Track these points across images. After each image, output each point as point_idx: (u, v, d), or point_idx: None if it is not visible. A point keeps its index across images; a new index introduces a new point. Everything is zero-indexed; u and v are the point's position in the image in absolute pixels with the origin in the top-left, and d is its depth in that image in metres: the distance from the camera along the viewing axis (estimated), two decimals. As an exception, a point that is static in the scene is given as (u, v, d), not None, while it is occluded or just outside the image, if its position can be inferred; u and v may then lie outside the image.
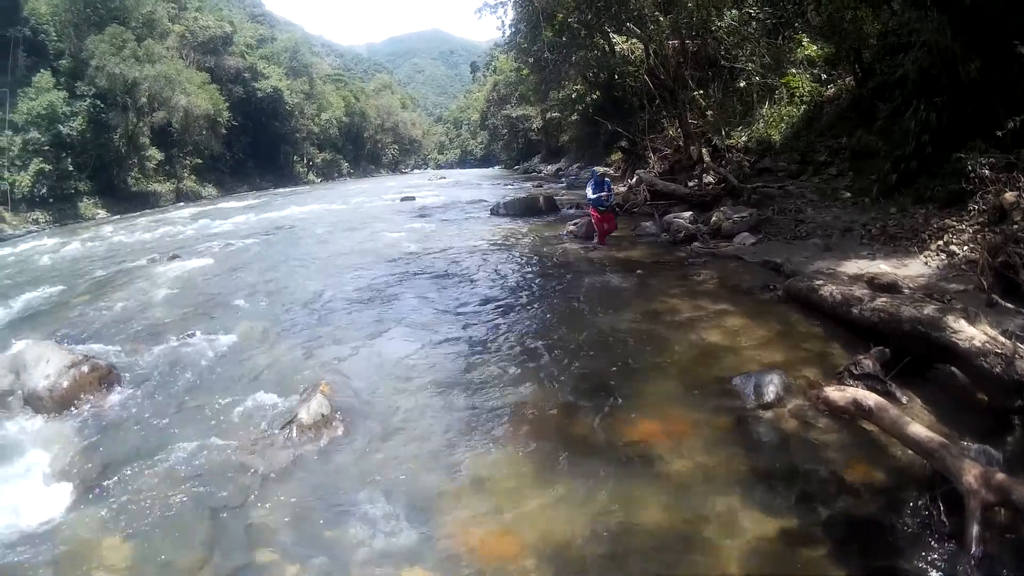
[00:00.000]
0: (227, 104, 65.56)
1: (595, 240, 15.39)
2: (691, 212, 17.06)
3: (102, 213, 43.83)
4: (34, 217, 39.32)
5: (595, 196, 14.75)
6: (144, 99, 50.22)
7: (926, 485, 4.58)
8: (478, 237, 18.11)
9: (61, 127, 41.85)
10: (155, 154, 54.02)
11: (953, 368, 5.91)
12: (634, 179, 24.90)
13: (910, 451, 4.85)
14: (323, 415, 6.31)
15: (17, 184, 38.71)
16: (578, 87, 41.62)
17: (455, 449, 5.77)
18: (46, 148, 40.62)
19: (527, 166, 72.27)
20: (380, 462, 5.67)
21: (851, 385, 5.93)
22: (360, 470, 5.57)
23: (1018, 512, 4.01)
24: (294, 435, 6.05)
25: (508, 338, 8.75)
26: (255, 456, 5.84)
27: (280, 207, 35.01)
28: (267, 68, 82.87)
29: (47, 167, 40.13)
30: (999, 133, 10.41)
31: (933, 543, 4.16)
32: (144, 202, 49.43)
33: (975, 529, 3.92)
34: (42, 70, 42.95)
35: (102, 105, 45.93)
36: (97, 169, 45.55)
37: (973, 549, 3.87)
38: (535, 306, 10.47)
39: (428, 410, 6.62)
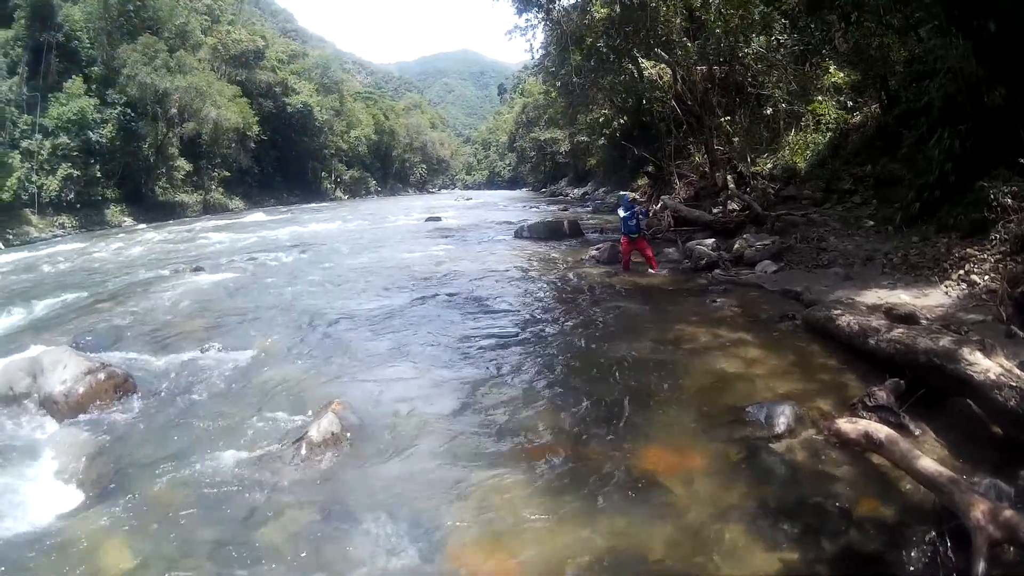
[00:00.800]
0: (257, 118, 66.50)
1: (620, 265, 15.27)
2: (714, 239, 16.96)
3: (128, 221, 44.34)
4: (60, 222, 39.80)
5: (623, 222, 14.65)
6: (174, 109, 50.86)
7: (934, 520, 4.51)
8: (500, 260, 18.17)
9: (91, 133, 42.46)
10: (183, 165, 54.61)
11: (968, 401, 5.80)
12: (659, 205, 24.95)
13: (920, 486, 4.77)
14: (333, 433, 6.30)
15: (45, 188, 39.18)
16: (606, 111, 41.58)
17: (462, 472, 5.75)
18: (75, 154, 41.12)
19: (554, 189, 72.84)
20: (387, 482, 5.66)
21: (864, 417, 5.84)
22: (367, 489, 5.57)
23: None
24: (304, 452, 6.05)
25: (522, 362, 8.72)
26: (264, 471, 5.85)
27: (306, 223, 35.29)
28: (298, 84, 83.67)
29: (75, 172, 40.66)
30: (1022, 160, 10.27)
31: None
32: (171, 212, 49.90)
33: (981, 566, 3.84)
34: (74, 76, 43.42)
35: (132, 114, 46.50)
36: (125, 177, 46.10)
37: None
38: (551, 331, 10.41)
39: (438, 432, 6.60)
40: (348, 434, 6.43)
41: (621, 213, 14.77)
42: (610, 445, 6.08)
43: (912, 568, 4.25)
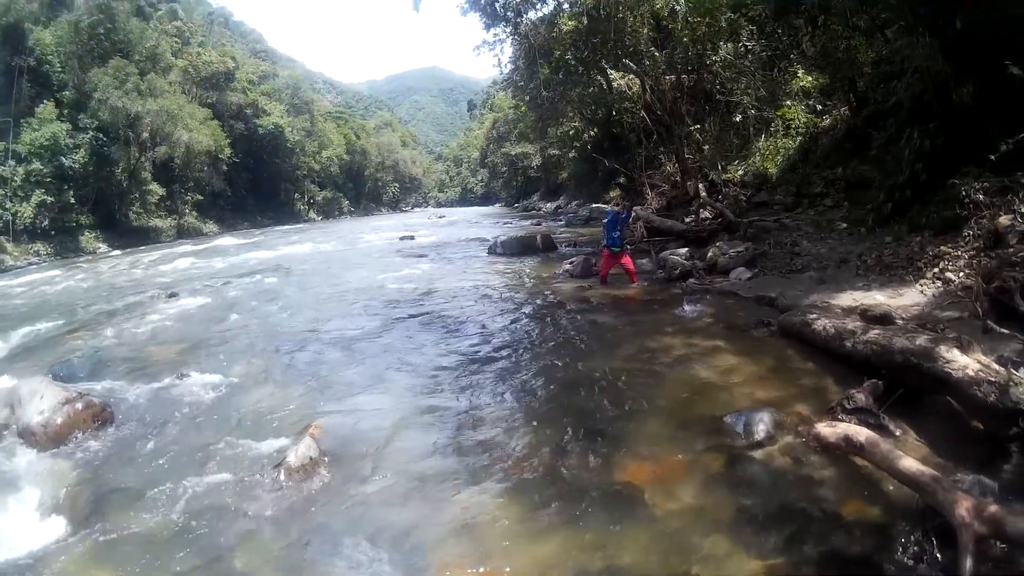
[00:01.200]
0: (228, 140, 66.54)
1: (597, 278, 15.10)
2: (687, 248, 16.94)
3: (103, 247, 44.24)
4: (35, 249, 39.63)
5: (607, 234, 14.40)
6: (146, 133, 50.97)
7: (919, 519, 4.49)
8: (474, 277, 18.07)
9: (64, 159, 42.31)
10: (156, 189, 54.58)
11: (948, 398, 5.84)
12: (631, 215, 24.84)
13: (904, 486, 4.75)
14: (311, 458, 6.26)
15: (19, 215, 39.01)
16: (576, 124, 41.85)
17: (441, 491, 5.70)
18: (48, 180, 40.99)
19: (527, 204, 72.89)
20: (367, 505, 5.62)
21: (843, 420, 5.83)
22: (347, 513, 5.52)
23: (1012, 544, 3.96)
24: (282, 477, 6.01)
25: (498, 380, 8.65)
26: (242, 497, 5.82)
27: (279, 245, 35.22)
28: (268, 105, 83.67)
29: (49, 199, 40.49)
30: (992, 157, 10.35)
31: None
32: (145, 237, 49.77)
33: (968, 563, 3.84)
34: (45, 101, 43.40)
35: (104, 138, 46.43)
36: (98, 203, 45.96)
37: None
38: (526, 347, 10.36)
39: (416, 453, 6.55)
40: (326, 458, 6.39)
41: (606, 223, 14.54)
42: (588, 458, 6.02)
43: (899, 568, 4.20)
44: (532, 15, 29.42)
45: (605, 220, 14.75)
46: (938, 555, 4.17)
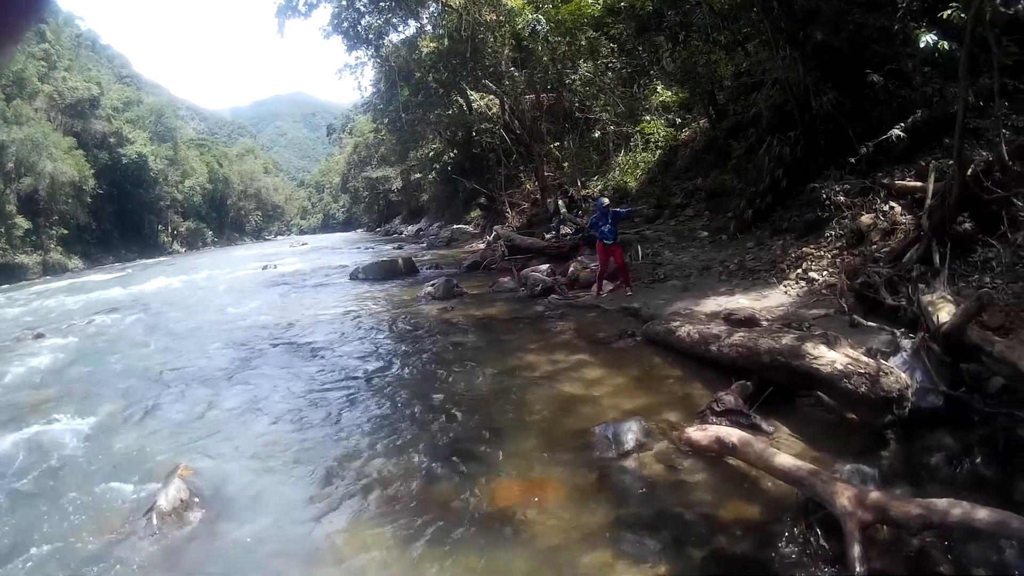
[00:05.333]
0: (93, 171, 63.32)
1: (594, 288, 13.78)
2: (549, 264, 16.94)
3: (-36, 288, 40.79)
4: None
5: (596, 227, 13.15)
6: (11, 164, 47.66)
7: (801, 513, 4.49)
8: (337, 304, 17.69)
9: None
10: (22, 223, 51.17)
11: (819, 393, 6.05)
12: (492, 235, 24.78)
13: (781, 482, 4.79)
14: (183, 500, 5.86)
15: None
16: (436, 146, 41.98)
17: (316, 526, 5.42)
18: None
19: (388, 227, 72.46)
20: (241, 546, 5.28)
21: (714, 422, 5.85)
22: (219, 554, 5.20)
23: (899, 527, 4.02)
24: (155, 523, 5.58)
25: (367, 407, 8.42)
26: (118, 547, 5.37)
27: (144, 280, 33.86)
28: (133, 133, 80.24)
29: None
30: (853, 160, 10.63)
31: (815, 570, 4.07)
32: (11, 274, 46.85)
33: (856, 550, 3.86)
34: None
35: (-35, 170, 43.11)
36: (-42, 241, 42.62)
37: (857, 569, 3.80)
38: (393, 371, 10.12)
39: (289, 487, 6.26)
40: (197, 499, 6.02)
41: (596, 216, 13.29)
42: (460, 482, 5.84)
43: (785, 563, 4.18)
44: (394, 37, 29.53)
45: (594, 216, 13.71)
46: (824, 545, 4.17)
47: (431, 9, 27.42)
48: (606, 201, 13.37)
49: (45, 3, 0.80)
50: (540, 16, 21.38)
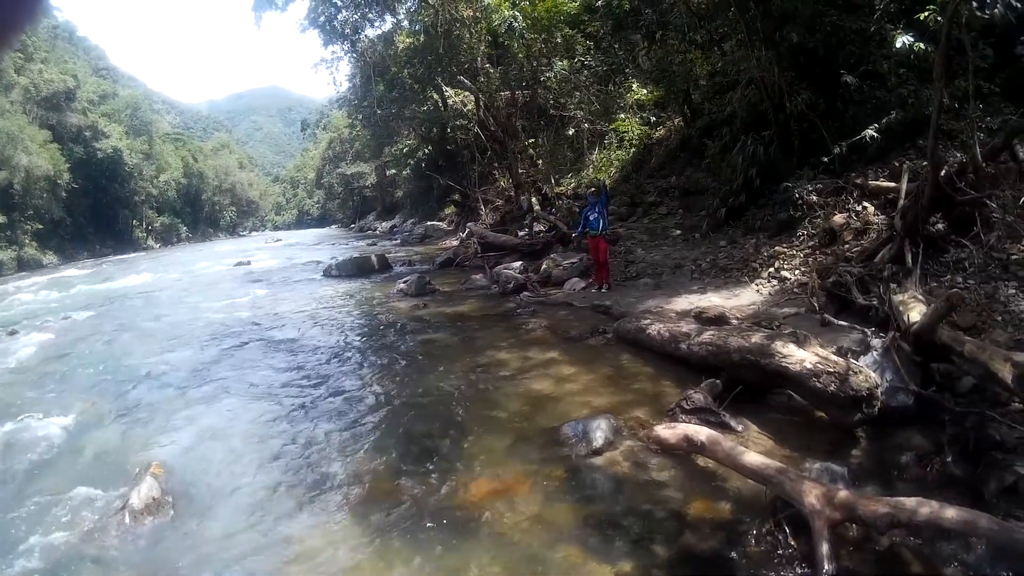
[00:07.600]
0: (68, 165, 62.28)
1: (591, 281, 13.44)
2: (521, 262, 16.88)
3: (-62, 286, 39.99)
4: None
5: (584, 218, 12.82)
6: None
7: (770, 512, 4.49)
8: (310, 300, 17.60)
9: None
10: None
11: (789, 392, 6.09)
12: (465, 232, 24.73)
13: (750, 480, 4.78)
14: (155, 498, 5.85)
15: None
16: (411, 142, 41.85)
17: (288, 524, 5.39)
18: None
19: (363, 224, 71.75)
20: (214, 543, 5.25)
21: (683, 420, 5.80)
22: (194, 553, 5.14)
23: (867, 526, 4.03)
24: (128, 521, 5.57)
25: (339, 404, 8.32)
26: (91, 546, 5.35)
27: (119, 276, 33.47)
28: (108, 126, 78.79)
29: None
30: (826, 159, 10.66)
31: (782, 569, 4.08)
32: (-14, 271, 45.55)
33: (824, 548, 3.87)
34: None
35: (-58, 163, 42.32)
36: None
37: (825, 568, 3.81)
38: (366, 368, 10.06)
39: (257, 483, 6.20)
40: (169, 497, 6.00)
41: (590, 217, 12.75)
42: (429, 479, 5.83)
43: (753, 560, 4.19)
44: (370, 32, 29.42)
45: (585, 209, 13.18)
46: (792, 543, 4.17)
47: (407, 4, 27.31)
48: (593, 189, 13.21)
49: (45, 3, 0.78)
50: (517, 13, 21.33)
